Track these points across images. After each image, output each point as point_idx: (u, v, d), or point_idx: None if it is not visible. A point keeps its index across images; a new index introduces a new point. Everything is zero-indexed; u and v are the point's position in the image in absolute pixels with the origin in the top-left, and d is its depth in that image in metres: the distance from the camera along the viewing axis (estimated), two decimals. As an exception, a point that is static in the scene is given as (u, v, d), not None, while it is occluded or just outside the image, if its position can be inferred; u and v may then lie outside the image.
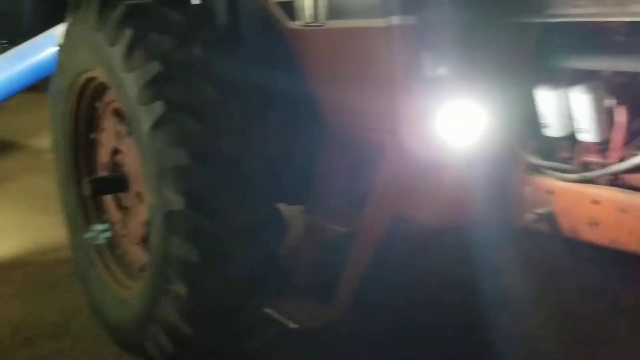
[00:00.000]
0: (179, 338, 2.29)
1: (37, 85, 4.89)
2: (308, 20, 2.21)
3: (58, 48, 3.01)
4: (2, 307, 3.26)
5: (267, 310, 2.18)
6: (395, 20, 1.91)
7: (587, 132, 1.97)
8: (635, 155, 1.87)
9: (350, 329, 2.66)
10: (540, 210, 2.06)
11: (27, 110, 7.58)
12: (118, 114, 2.74)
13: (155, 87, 2.18)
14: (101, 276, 2.88)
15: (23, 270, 3.71)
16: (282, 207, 2.35)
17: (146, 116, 2.19)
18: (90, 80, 2.79)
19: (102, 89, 2.80)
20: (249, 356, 2.64)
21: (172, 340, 2.32)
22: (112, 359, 2.76)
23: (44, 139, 6.95)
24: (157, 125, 2.15)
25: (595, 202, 1.95)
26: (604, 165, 1.96)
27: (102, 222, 2.87)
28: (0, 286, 3.50)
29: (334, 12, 2.11)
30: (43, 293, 3.42)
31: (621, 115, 1.93)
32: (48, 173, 5.81)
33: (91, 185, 2.68)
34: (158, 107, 2.15)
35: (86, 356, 2.83)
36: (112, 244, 2.94)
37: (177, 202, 2.12)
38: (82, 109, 2.93)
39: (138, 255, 2.74)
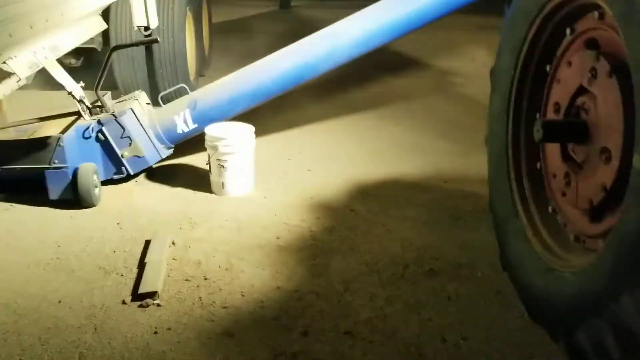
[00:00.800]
0: (633, 349, 1.78)
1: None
2: None
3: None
4: (408, 230, 3.25)
5: None
6: None
7: None
8: None
9: None
10: None
11: (439, 29, 7.63)
12: (593, 46, 2.21)
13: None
14: (523, 230, 2.53)
15: (426, 195, 3.65)
16: None
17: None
18: (566, 2, 2.30)
19: (580, 13, 2.29)
20: None
21: (621, 348, 1.82)
22: (509, 324, 2.48)
23: (449, 61, 6.93)
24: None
25: None
26: None
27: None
28: (407, 207, 3.51)
29: None
30: (446, 224, 3.30)
31: None
32: (449, 96, 5.77)
33: (544, 130, 2.26)
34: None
35: (488, 307, 2.61)
36: (542, 198, 2.54)
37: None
38: (543, 35, 2.48)
39: (577, 220, 2.26)
